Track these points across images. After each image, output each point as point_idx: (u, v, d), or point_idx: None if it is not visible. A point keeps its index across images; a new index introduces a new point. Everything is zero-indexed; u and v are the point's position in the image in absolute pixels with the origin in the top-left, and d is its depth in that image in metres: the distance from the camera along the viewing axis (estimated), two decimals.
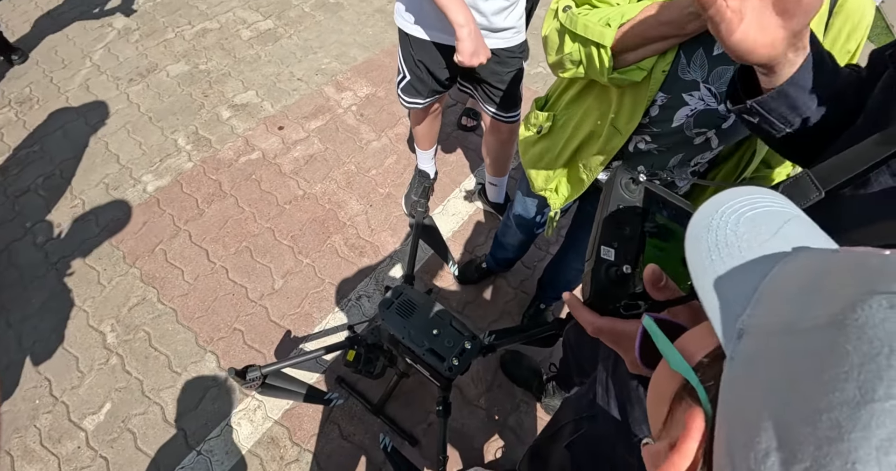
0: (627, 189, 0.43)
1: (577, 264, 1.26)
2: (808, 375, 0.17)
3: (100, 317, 1.49)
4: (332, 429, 1.34)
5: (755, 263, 0.23)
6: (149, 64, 2.13)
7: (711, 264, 0.24)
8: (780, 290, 0.21)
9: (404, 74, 1.29)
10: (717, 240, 0.24)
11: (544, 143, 0.90)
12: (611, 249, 0.39)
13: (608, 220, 0.41)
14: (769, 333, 0.20)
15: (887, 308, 0.16)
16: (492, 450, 1.34)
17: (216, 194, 1.76)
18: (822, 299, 0.18)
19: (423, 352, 0.98)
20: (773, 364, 0.18)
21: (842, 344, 0.16)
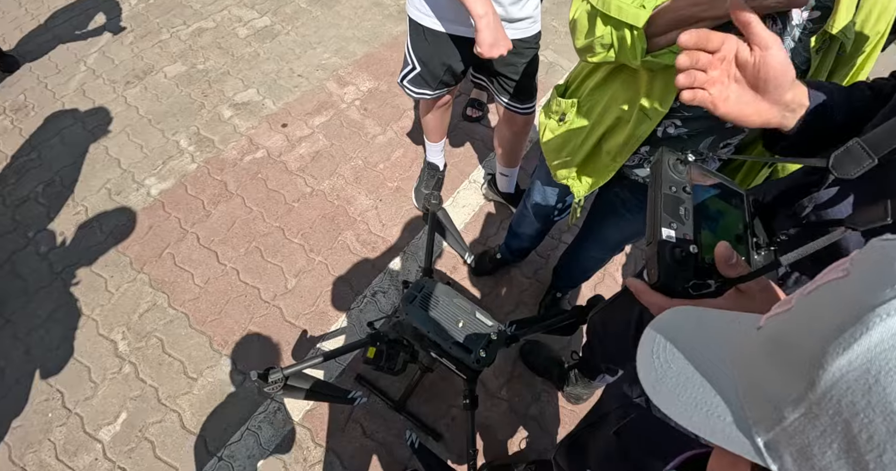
0: (676, 170, 0.43)
1: (594, 252, 1.24)
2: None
3: (110, 325, 1.43)
4: (354, 428, 1.29)
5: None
6: (145, 66, 2.05)
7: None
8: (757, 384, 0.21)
9: (413, 66, 1.24)
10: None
11: (567, 130, 0.86)
12: (671, 230, 0.39)
13: (664, 201, 0.40)
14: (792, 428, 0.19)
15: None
16: (516, 441, 1.30)
17: (222, 195, 1.69)
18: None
19: (449, 345, 0.94)
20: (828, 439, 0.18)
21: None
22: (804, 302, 0.21)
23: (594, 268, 1.35)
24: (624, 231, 1.07)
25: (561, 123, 0.87)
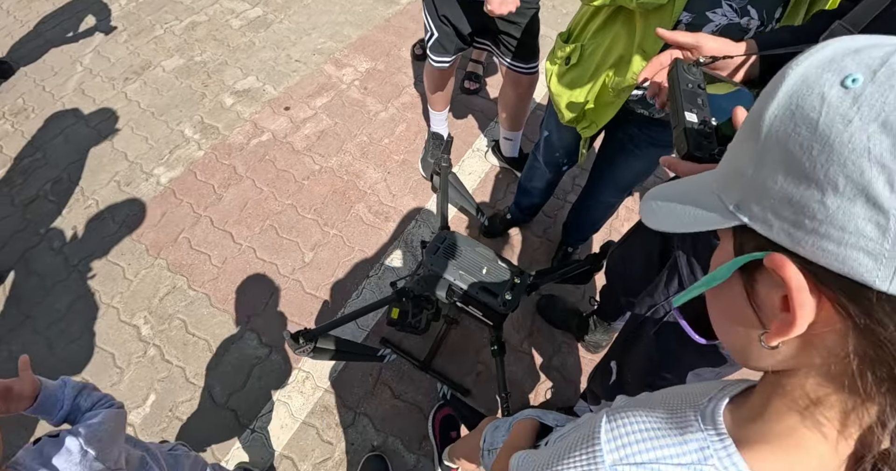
0: (689, 72, 0.51)
1: (605, 196, 1.26)
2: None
3: (131, 311, 1.41)
4: (383, 390, 1.28)
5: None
6: (142, 62, 2.03)
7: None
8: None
9: (432, 32, 1.28)
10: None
11: (574, 73, 0.89)
12: (692, 114, 0.47)
13: (683, 95, 0.49)
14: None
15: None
16: (541, 391, 1.32)
17: (232, 178, 1.67)
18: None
19: (476, 291, 0.95)
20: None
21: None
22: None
23: (604, 217, 1.37)
24: (634, 168, 1.09)
25: (567, 66, 0.91)
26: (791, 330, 0.22)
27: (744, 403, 0.29)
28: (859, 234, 0.19)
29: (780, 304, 0.23)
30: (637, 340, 0.79)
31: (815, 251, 0.21)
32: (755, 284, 0.25)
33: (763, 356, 0.26)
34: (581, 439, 0.32)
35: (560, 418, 0.62)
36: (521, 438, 0.57)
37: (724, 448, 0.26)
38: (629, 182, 1.17)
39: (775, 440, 0.25)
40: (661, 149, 1.00)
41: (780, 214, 0.22)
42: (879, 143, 0.18)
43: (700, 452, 0.27)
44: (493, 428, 0.72)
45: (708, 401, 0.30)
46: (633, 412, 0.31)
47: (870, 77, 0.19)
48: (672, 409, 0.31)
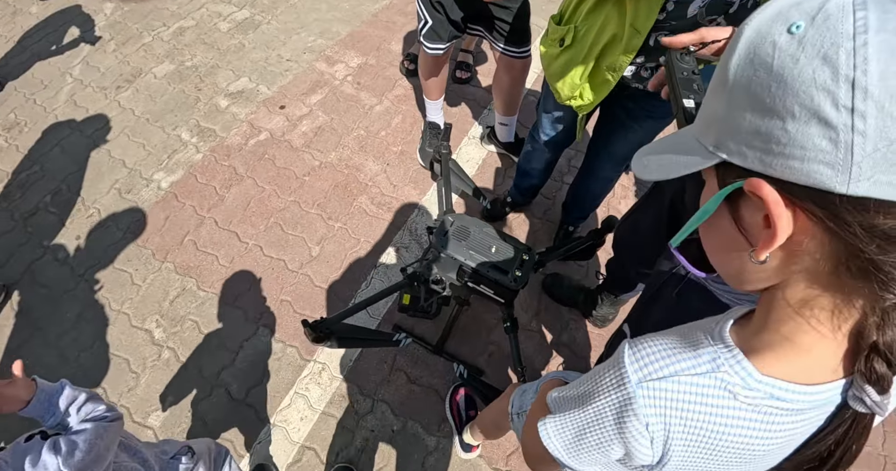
0: (683, 60, 0.54)
1: (604, 171, 1.27)
2: None
3: (142, 316, 1.39)
4: (398, 376, 1.28)
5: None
6: (132, 69, 2.01)
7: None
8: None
9: (426, 20, 1.29)
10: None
11: (568, 54, 0.91)
12: (690, 100, 0.51)
13: (680, 83, 0.52)
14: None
15: None
16: (553, 368, 1.33)
17: (233, 179, 1.66)
18: None
19: (486, 269, 0.96)
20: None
21: None
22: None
23: (603, 192, 1.38)
24: (632, 141, 1.10)
25: (561, 48, 0.92)
26: (774, 240, 0.26)
27: (746, 322, 0.33)
28: (817, 149, 0.23)
29: (763, 223, 0.27)
30: (657, 300, 0.81)
31: (784, 171, 0.24)
32: (740, 210, 0.29)
33: (756, 275, 0.30)
34: (607, 365, 0.36)
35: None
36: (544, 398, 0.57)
37: (734, 357, 0.30)
38: (627, 155, 1.18)
39: (777, 346, 0.29)
40: (658, 120, 1.02)
41: (752, 144, 0.26)
42: (822, 72, 0.22)
43: (712, 362, 0.30)
44: (521, 392, 0.73)
45: (715, 324, 0.33)
46: (650, 338, 0.35)
47: (809, 22, 0.23)
48: (684, 334, 0.34)
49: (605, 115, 1.09)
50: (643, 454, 0.33)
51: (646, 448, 0.33)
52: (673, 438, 0.31)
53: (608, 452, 0.36)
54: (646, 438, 0.32)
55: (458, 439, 1.17)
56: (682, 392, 0.30)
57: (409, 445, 1.20)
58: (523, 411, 0.69)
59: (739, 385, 0.29)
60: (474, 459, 1.18)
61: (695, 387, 0.30)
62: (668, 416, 0.31)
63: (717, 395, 0.30)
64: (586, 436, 0.37)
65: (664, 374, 0.31)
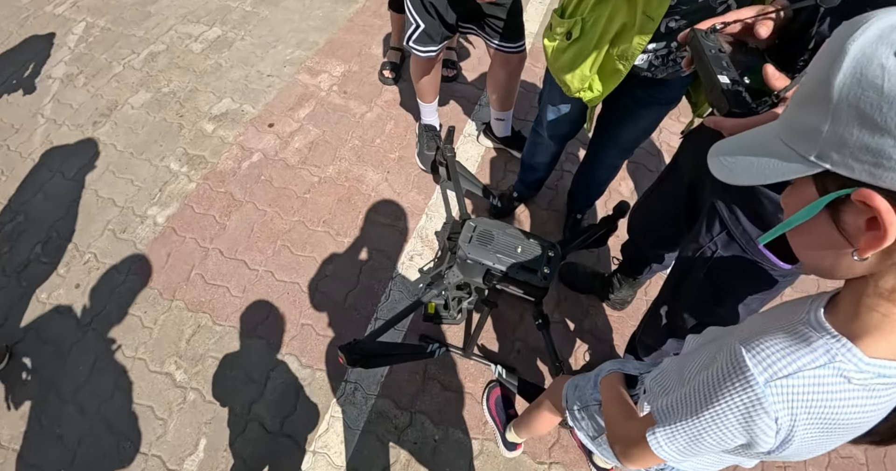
0: (708, 38, 0.54)
1: (610, 159, 1.26)
2: None
3: (160, 359, 1.31)
4: (432, 385, 1.24)
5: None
6: (107, 102, 1.88)
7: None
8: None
9: (417, 24, 1.23)
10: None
11: (576, 46, 0.88)
12: (724, 76, 0.50)
13: (711, 60, 0.51)
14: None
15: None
16: (579, 355, 1.31)
17: (231, 205, 1.57)
18: None
19: (515, 271, 0.93)
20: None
21: None
22: (811, 67, 0.31)
23: (608, 179, 1.37)
24: (639, 128, 1.09)
25: (569, 41, 0.89)
26: (884, 243, 0.28)
27: (835, 309, 0.36)
28: None
29: (865, 225, 0.29)
30: (686, 281, 0.81)
31: (894, 183, 0.27)
32: (841, 214, 0.31)
33: (851, 269, 0.33)
34: (725, 370, 0.37)
35: (639, 364, 0.65)
36: (616, 393, 0.59)
37: (844, 346, 0.33)
38: (633, 142, 1.17)
39: (875, 328, 0.32)
40: (664, 106, 1.00)
41: (859, 158, 0.28)
42: None
43: (827, 353, 0.33)
44: (574, 388, 0.72)
45: (807, 314, 0.36)
46: (760, 339, 0.37)
47: None
48: (783, 328, 0.37)
49: (612, 103, 1.05)
50: (766, 443, 0.36)
51: (770, 438, 0.36)
52: (797, 425, 0.35)
53: (726, 446, 0.39)
54: (772, 429, 0.35)
55: (501, 439, 1.15)
56: (808, 385, 0.33)
57: (453, 452, 1.16)
58: (585, 407, 0.68)
59: (853, 370, 0.32)
60: (519, 456, 1.15)
61: (817, 378, 0.33)
62: (796, 408, 0.34)
63: (835, 382, 0.33)
64: (703, 438, 0.39)
65: (789, 371, 0.34)
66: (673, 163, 0.94)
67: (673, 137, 1.77)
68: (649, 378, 0.57)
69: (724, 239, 0.72)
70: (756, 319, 0.43)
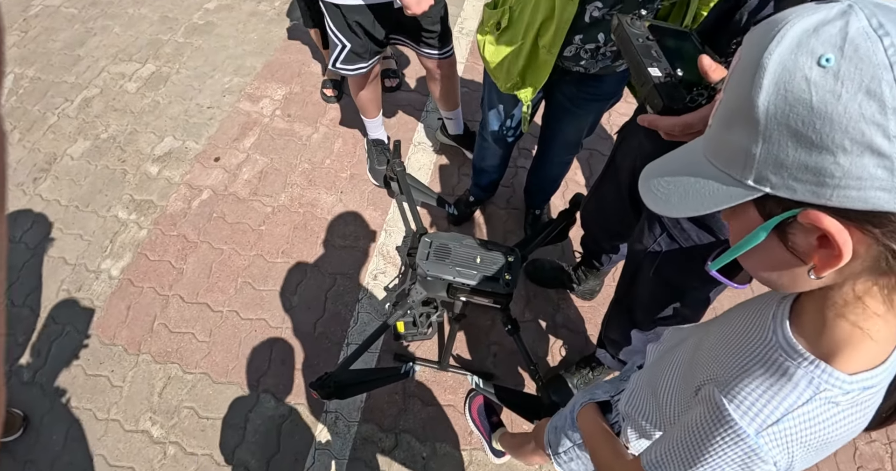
0: (634, 26, 0.47)
1: (559, 157, 1.21)
2: None
3: (134, 418, 1.21)
4: (413, 403, 1.17)
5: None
6: (45, 156, 1.72)
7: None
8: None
9: (343, 45, 1.14)
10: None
11: (506, 36, 0.84)
12: (655, 68, 0.43)
13: (639, 50, 0.45)
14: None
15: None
16: (556, 350, 1.26)
17: (187, 248, 1.45)
18: None
19: (477, 281, 0.88)
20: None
21: None
22: (728, 83, 0.28)
23: (561, 174, 1.32)
24: (580, 125, 1.05)
25: (499, 31, 0.84)
26: (839, 262, 0.26)
27: (800, 321, 0.32)
28: (873, 178, 0.23)
29: (816, 243, 0.26)
30: (637, 278, 0.79)
31: (841, 200, 0.24)
32: (789, 235, 0.28)
33: (809, 284, 0.29)
34: (709, 422, 0.33)
35: (608, 386, 0.61)
36: (596, 429, 0.55)
37: (824, 372, 0.30)
38: (577, 138, 1.12)
39: (847, 342, 0.29)
40: (602, 102, 0.96)
41: (800, 178, 0.24)
42: (869, 107, 0.22)
43: (810, 385, 0.30)
44: (554, 430, 0.68)
45: (773, 333, 0.32)
46: (738, 380, 0.33)
47: (839, 55, 0.22)
48: (757, 361, 0.32)
49: (550, 101, 1.01)
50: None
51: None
52: (795, 459, 0.32)
53: None
54: (773, 469, 0.32)
55: (488, 447, 1.11)
56: (799, 424, 0.31)
57: (443, 467, 1.11)
58: (568, 448, 0.64)
59: (839, 394, 0.30)
60: (508, 461, 1.09)
61: (807, 415, 0.30)
62: (792, 447, 0.31)
63: (824, 411, 0.30)
64: None
65: (778, 416, 0.31)
66: (611, 160, 0.91)
67: (624, 119, 1.70)
68: (623, 402, 0.53)
69: (666, 240, 0.68)
70: (720, 347, 0.37)
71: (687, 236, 0.65)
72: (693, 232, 0.64)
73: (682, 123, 0.41)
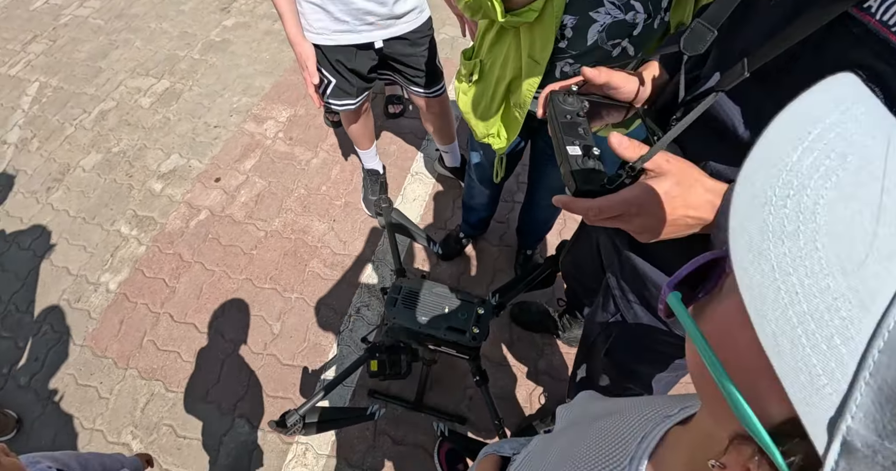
0: (566, 102, 0.45)
1: (545, 201, 1.15)
2: None
3: (116, 430, 1.24)
4: (383, 441, 1.16)
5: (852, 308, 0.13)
6: (60, 166, 1.78)
7: (778, 299, 0.13)
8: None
9: (329, 80, 1.13)
10: (785, 249, 0.13)
11: (477, 89, 0.83)
12: (575, 147, 0.41)
13: (562, 128, 0.43)
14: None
15: None
16: (535, 398, 1.22)
17: (181, 267, 1.48)
18: None
19: (442, 333, 0.86)
20: None
21: None
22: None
23: (552, 216, 1.27)
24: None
25: (470, 84, 0.82)
26: None
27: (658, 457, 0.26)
28: None
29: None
30: (592, 358, 0.76)
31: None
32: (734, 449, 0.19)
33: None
34: None
35: (515, 444, 0.59)
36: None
37: None
38: (563, 184, 1.06)
39: None
40: None
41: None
42: None
43: None
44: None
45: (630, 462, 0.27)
46: None
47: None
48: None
49: (533, 147, 0.98)
50: None
51: None
52: None
53: None
54: None
55: None
56: None
57: None
58: None
59: None
60: None
61: None
62: None
63: None
64: None
65: None
66: (582, 222, 0.86)
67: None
68: (518, 460, 0.49)
69: (618, 321, 0.65)
70: (604, 429, 0.32)
71: (639, 323, 0.61)
72: (645, 319, 0.60)
73: (595, 206, 0.37)
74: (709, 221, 0.36)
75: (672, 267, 0.54)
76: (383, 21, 0.99)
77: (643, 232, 0.38)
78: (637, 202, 0.35)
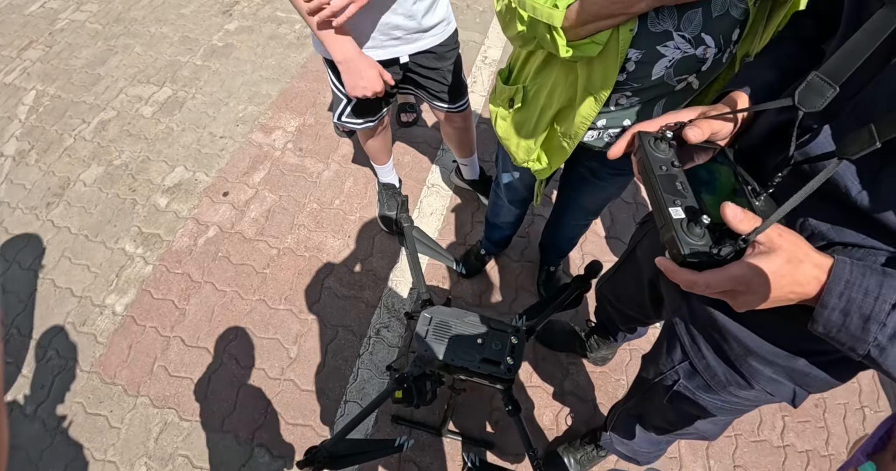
0: (658, 149, 0.39)
1: (576, 220, 1.10)
2: None
3: (129, 461, 1.16)
4: (409, 468, 1.10)
5: None
6: (59, 180, 1.67)
7: None
8: None
9: (347, 100, 1.04)
10: None
11: (519, 115, 0.76)
12: (677, 207, 0.36)
13: (661, 183, 0.37)
14: None
15: None
16: (562, 419, 1.17)
17: (190, 288, 1.39)
18: None
19: (476, 365, 0.80)
20: None
21: None
22: None
23: (579, 234, 1.21)
24: (600, 196, 0.95)
25: (511, 110, 0.76)
26: None
27: None
28: None
29: None
30: (650, 403, 0.70)
31: None
32: None
33: None
34: None
35: None
36: None
37: None
38: (597, 207, 1.03)
39: None
40: (626, 176, 0.86)
41: None
42: None
43: None
44: None
45: None
46: None
47: None
48: None
49: (570, 170, 0.93)
50: None
51: None
52: None
53: None
54: None
55: None
56: None
57: None
58: None
59: None
60: None
61: None
62: None
63: None
64: None
65: None
66: (631, 251, 0.80)
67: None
68: None
69: (686, 369, 0.58)
70: None
71: (713, 374, 0.55)
72: (720, 370, 0.54)
73: (702, 282, 0.35)
74: (812, 297, 0.34)
75: (755, 323, 0.47)
76: (410, 35, 0.90)
77: (743, 306, 0.36)
78: (745, 281, 0.33)
